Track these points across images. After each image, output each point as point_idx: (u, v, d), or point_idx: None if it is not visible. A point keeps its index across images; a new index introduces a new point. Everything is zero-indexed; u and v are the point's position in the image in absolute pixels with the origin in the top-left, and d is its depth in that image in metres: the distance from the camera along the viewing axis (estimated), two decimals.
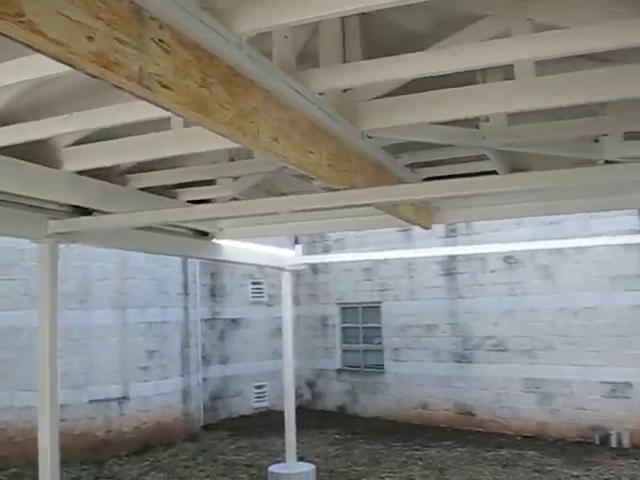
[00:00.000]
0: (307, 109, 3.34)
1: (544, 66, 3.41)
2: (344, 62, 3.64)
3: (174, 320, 13.32)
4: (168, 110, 2.40)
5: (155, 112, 2.72)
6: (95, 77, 2.01)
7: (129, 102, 3.35)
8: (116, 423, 11.88)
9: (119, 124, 3.91)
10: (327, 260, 15.72)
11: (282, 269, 9.70)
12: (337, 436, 13.68)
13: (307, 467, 9.79)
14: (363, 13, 3.35)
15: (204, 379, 15.04)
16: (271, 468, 9.66)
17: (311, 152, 3.48)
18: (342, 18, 3.63)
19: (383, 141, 4.80)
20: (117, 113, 3.71)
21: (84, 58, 1.91)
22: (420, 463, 11.15)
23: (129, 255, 11.91)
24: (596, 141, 4.96)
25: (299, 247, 10.14)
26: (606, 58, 3.59)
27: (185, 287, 13.73)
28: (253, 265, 12.70)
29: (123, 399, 12.05)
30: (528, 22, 3.20)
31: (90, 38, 1.91)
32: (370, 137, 4.33)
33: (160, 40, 2.19)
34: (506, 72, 3.60)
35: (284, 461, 9.74)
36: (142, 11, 2.10)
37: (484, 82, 3.91)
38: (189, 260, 13.64)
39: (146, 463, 11.31)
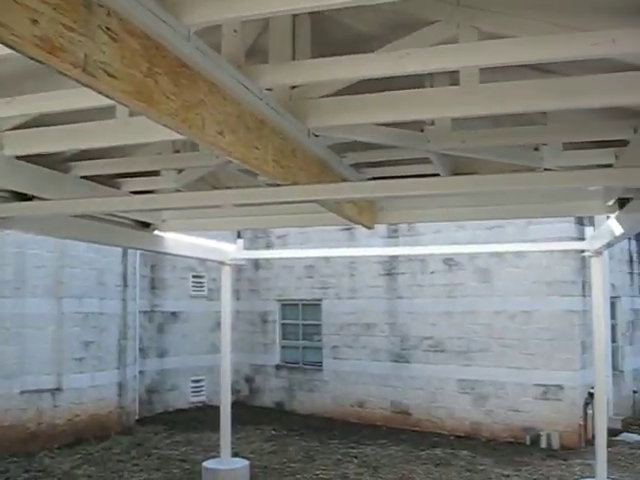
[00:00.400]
0: (254, 104, 3.34)
1: (489, 74, 3.48)
2: (293, 59, 3.64)
3: (112, 311, 13.12)
4: (112, 99, 2.36)
5: (101, 100, 2.68)
6: (39, 62, 1.97)
7: (75, 88, 3.29)
8: (48, 415, 11.63)
9: (64, 110, 3.84)
10: (269, 256, 15.70)
11: (223, 263, 9.66)
12: (273, 432, 13.68)
13: (241, 463, 9.79)
14: (314, 12, 3.36)
15: (141, 372, 14.87)
16: (205, 463, 9.62)
17: (256, 147, 3.48)
18: (293, 16, 3.64)
19: (329, 140, 4.83)
20: (62, 99, 3.64)
21: (28, 42, 1.87)
22: (355, 461, 11.24)
23: (67, 243, 11.66)
24: (536, 150, 5.09)
25: (240, 241, 10.11)
26: (549, 69, 3.69)
27: (124, 278, 13.54)
28: (193, 258, 12.62)
29: (56, 390, 11.81)
30: (475, 30, 3.26)
31: (35, 22, 1.87)
32: (316, 135, 4.35)
33: (107, 28, 2.16)
34: (453, 77, 3.66)
35: (219, 456, 9.72)
36: None
37: (432, 86, 3.97)
38: (129, 251, 13.45)
39: (78, 456, 11.11)
